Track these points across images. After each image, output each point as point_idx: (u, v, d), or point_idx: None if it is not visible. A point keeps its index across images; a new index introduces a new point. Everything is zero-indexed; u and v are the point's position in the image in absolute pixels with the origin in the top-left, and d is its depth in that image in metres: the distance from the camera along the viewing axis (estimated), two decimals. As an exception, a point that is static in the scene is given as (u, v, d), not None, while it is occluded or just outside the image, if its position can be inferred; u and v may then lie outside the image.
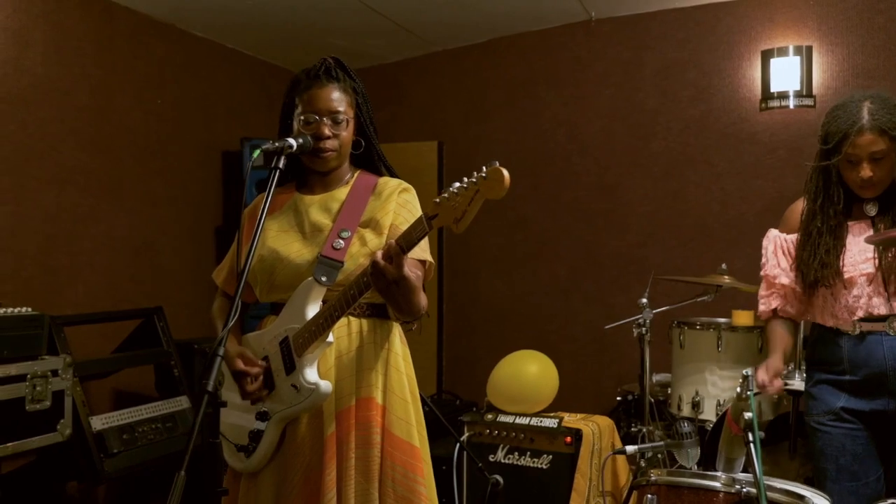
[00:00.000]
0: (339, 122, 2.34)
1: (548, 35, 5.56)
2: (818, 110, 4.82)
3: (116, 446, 3.49)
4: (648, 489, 2.12)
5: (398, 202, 2.38)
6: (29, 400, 3.05)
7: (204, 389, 1.90)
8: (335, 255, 2.27)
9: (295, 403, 2.23)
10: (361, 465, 2.26)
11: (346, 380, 2.29)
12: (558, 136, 5.55)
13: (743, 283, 4.15)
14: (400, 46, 5.71)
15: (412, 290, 2.06)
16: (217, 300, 2.63)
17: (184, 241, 5.07)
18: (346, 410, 2.28)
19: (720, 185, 5.07)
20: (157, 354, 3.99)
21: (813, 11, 4.84)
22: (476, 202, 1.91)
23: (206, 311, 5.06)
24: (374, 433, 2.28)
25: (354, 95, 2.43)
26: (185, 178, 5.09)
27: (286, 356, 2.26)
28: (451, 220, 1.95)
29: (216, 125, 5.33)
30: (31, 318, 3.11)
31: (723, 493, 2.04)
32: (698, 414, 4.19)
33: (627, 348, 5.13)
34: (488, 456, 3.71)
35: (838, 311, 2.59)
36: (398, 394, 2.35)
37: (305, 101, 2.36)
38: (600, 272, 5.41)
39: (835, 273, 2.55)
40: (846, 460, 2.57)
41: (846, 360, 2.57)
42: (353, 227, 2.32)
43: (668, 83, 5.23)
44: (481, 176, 1.89)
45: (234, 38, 5.41)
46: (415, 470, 2.30)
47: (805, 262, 2.63)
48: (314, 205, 2.40)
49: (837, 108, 2.59)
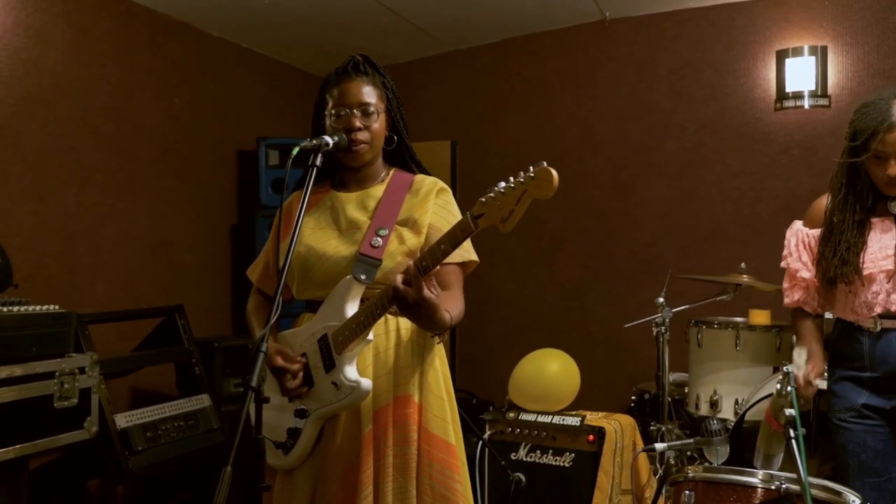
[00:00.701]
0: (369, 114, 2.34)
1: (562, 35, 5.57)
2: (833, 110, 4.84)
3: (141, 444, 3.50)
4: (685, 486, 2.13)
5: (437, 203, 2.38)
6: (57, 397, 3.05)
7: (248, 385, 1.90)
8: (373, 253, 2.27)
9: (335, 401, 2.23)
10: (399, 463, 2.26)
11: (384, 378, 2.30)
12: (572, 136, 5.57)
13: (761, 283, 4.16)
14: (414, 46, 5.73)
15: (433, 309, 2.05)
16: (252, 298, 2.63)
17: (200, 240, 5.08)
18: (384, 408, 2.28)
19: (734, 184, 5.08)
20: (178, 353, 4.00)
21: (828, 11, 4.86)
22: (524, 202, 1.92)
23: (222, 309, 5.18)
24: (412, 431, 2.28)
25: (384, 90, 2.43)
26: (201, 177, 5.11)
27: (325, 354, 2.26)
28: (497, 219, 1.96)
29: (231, 125, 5.34)
30: (58, 315, 3.11)
31: (762, 489, 2.05)
32: (716, 413, 4.20)
33: (641, 347, 5.14)
34: (510, 454, 3.72)
35: (857, 307, 2.61)
36: (435, 392, 2.36)
37: (336, 96, 2.36)
38: (614, 271, 5.42)
39: (854, 270, 2.57)
40: (867, 456, 2.58)
41: (867, 357, 2.59)
42: (391, 224, 2.33)
43: (682, 83, 5.24)
44: (529, 176, 1.91)
45: (250, 38, 5.42)
46: (451, 467, 2.31)
47: (826, 258, 2.65)
48: (351, 202, 2.41)
49: (866, 106, 2.60)
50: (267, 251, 2.57)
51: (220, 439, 3.89)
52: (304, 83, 6.12)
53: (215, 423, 3.89)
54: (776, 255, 4.68)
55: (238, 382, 4.18)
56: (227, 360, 4.16)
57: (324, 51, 5.72)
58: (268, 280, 2.56)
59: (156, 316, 4.09)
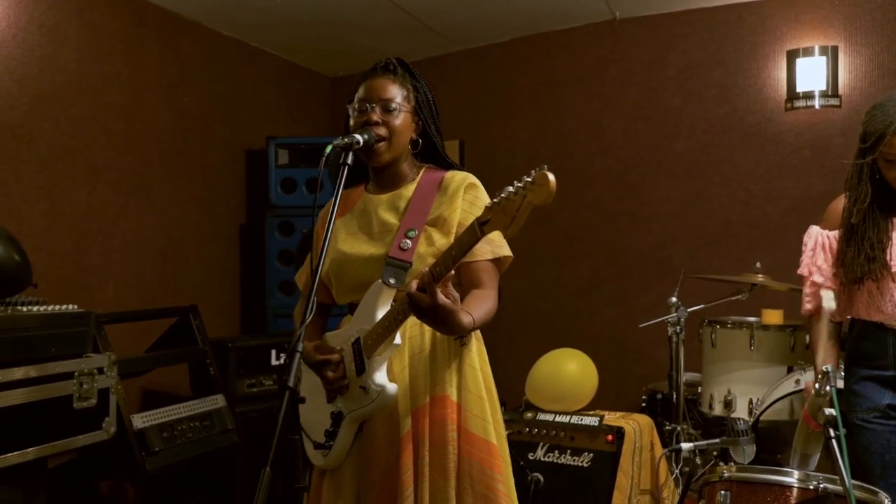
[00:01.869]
0: (390, 111, 2.32)
1: (571, 34, 5.57)
2: (844, 110, 4.85)
3: (158, 444, 3.48)
4: (721, 486, 2.12)
5: (466, 199, 2.33)
6: (76, 398, 3.04)
7: (285, 385, 1.89)
8: (403, 256, 2.25)
9: (365, 404, 2.22)
10: (437, 463, 2.24)
11: (420, 378, 2.28)
12: (581, 136, 5.56)
13: (776, 282, 4.17)
14: (423, 45, 5.72)
15: (449, 315, 2.03)
16: (299, 302, 2.61)
17: (209, 240, 5.07)
18: (421, 409, 2.27)
19: (744, 185, 5.09)
20: (193, 353, 3.98)
21: (839, 12, 4.86)
22: (524, 208, 1.87)
23: (231, 309, 5.17)
24: (450, 431, 2.26)
25: (414, 92, 2.42)
26: (211, 176, 5.09)
27: (357, 357, 2.26)
28: (501, 225, 1.93)
29: (240, 124, 5.33)
30: (77, 315, 3.09)
31: (799, 489, 2.04)
32: (730, 412, 4.20)
33: (650, 348, 5.15)
34: (528, 454, 3.71)
35: (885, 306, 2.59)
36: (474, 391, 2.32)
37: (360, 92, 2.37)
38: (623, 272, 5.42)
39: (882, 266, 2.56)
40: (892, 456, 2.56)
41: (891, 356, 2.58)
42: (420, 225, 2.30)
43: (692, 83, 5.24)
44: (528, 181, 1.85)
45: (259, 37, 5.41)
46: (492, 467, 2.27)
47: (850, 258, 2.63)
48: (382, 204, 2.39)
49: (875, 108, 2.59)
50: (310, 257, 2.56)
51: (235, 440, 3.88)
52: (313, 83, 6.11)
53: (230, 423, 3.87)
54: (786, 255, 4.71)
55: (252, 383, 4.16)
56: (241, 361, 4.13)
57: (333, 50, 5.71)
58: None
59: (170, 316, 4.07)
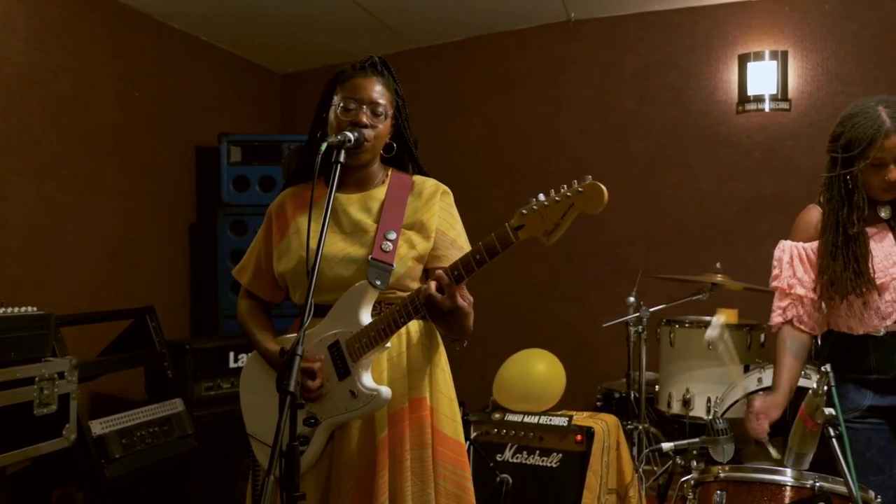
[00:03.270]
0: (378, 115, 2.29)
1: (526, 35, 5.57)
2: (793, 114, 4.96)
3: (117, 451, 3.36)
4: (715, 486, 2.13)
5: (442, 206, 2.37)
6: (37, 404, 2.91)
7: (286, 391, 1.84)
8: (385, 258, 2.23)
9: (352, 409, 2.17)
10: (417, 467, 2.24)
11: (399, 381, 2.26)
12: (536, 136, 5.57)
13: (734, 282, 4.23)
14: (377, 43, 5.65)
15: (465, 317, 2.08)
16: (243, 301, 2.53)
17: (159, 239, 4.92)
18: (400, 412, 2.25)
19: (698, 186, 5.16)
20: (150, 356, 3.86)
21: (789, 18, 4.97)
22: (570, 215, 1.92)
23: (181, 310, 5.02)
24: (427, 433, 2.27)
25: (395, 97, 2.39)
26: (162, 173, 4.95)
27: (338, 361, 2.20)
28: (540, 231, 1.95)
29: (191, 120, 5.20)
30: (38, 317, 2.96)
31: (795, 488, 2.06)
32: (689, 411, 4.26)
33: (605, 347, 5.19)
34: (496, 455, 3.69)
35: (868, 318, 2.59)
36: (444, 392, 2.36)
37: (347, 89, 2.31)
38: (579, 272, 5.45)
39: (867, 281, 2.55)
40: (872, 454, 2.58)
41: (873, 361, 2.58)
42: (398, 227, 2.29)
43: (646, 85, 5.30)
44: (577, 190, 1.90)
45: (210, 32, 5.29)
46: (463, 466, 2.33)
47: (836, 272, 2.59)
48: (353, 203, 2.35)
49: (854, 116, 2.58)
50: (257, 252, 2.48)
51: (195, 445, 3.77)
52: (264, 79, 6.01)
53: (190, 428, 3.77)
54: (738, 255, 4.82)
55: (209, 386, 4.05)
56: (199, 363, 4.02)
57: (287, 46, 5.62)
58: (261, 282, 2.48)
59: (126, 318, 3.94)
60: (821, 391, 1.98)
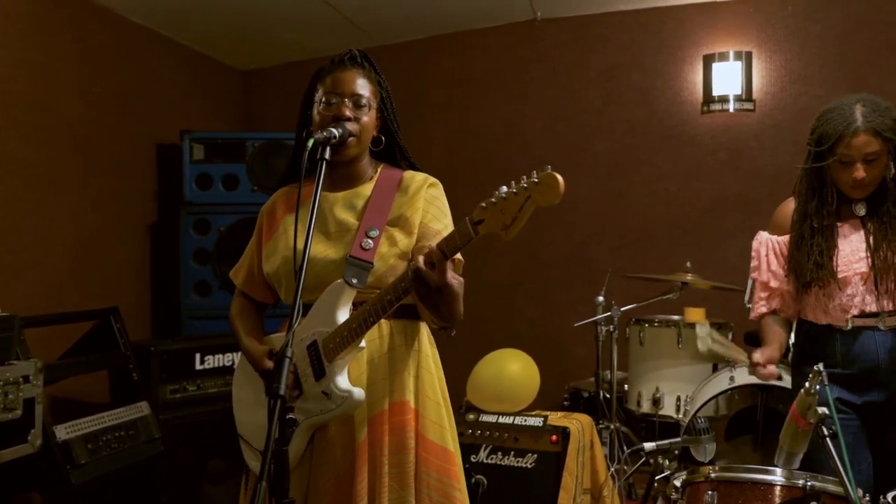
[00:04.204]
0: (360, 106, 2.25)
1: (491, 33, 5.56)
2: (758, 114, 5.02)
3: (83, 457, 3.26)
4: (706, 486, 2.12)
5: (426, 198, 2.30)
6: (1, 409, 2.80)
7: (276, 394, 1.78)
8: (364, 256, 2.18)
9: (325, 411, 2.12)
10: (396, 472, 2.18)
11: (379, 383, 2.21)
12: (501, 135, 5.56)
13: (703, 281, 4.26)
14: (339, 40, 5.57)
15: (455, 297, 2.02)
16: (236, 300, 2.49)
17: (120, 238, 4.80)
18: (379, 415, 2.20)
19: (663, 185, 5.19)
20: (115, 358, 3.75)
21: (753, 19, 5.02)
22: (527, 209, 1.84)
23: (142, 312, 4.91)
24: (409, 438, 2.21)
25: (379, 88, 2.34)
26: (123, 171, 4.83)
27: (315, 361, 2.15)
28: (498, 226, 1.88)
29: (152, 117, 5.08)
30: (2, 319, 2.86)
31: (787, 487, 2.06)
32: (658, 410, 4.27)
33: (571, 346, 5.19)
34: (470, 456, 3.66)
35: (832, 310, 2.65)
36: (431, 397, 2.29)
37: (328, 84, 2.26)
38: (544, 271, 5.44)
39: (829, 274, 2.61)
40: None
41: (839, 355, 2.64)
42: (381, 225, 2.24)
43: (612, 84, 5.32)
44: (533, 181, 1.82)
45: (172, 27, 5.18)
46: (450, 475, 2.24)
47: (800, 263, 2.67)
48: (338, 202, 2.30)
49: (830, 112, 2.63)
50: (250, 254, 2.44)
51: (161, 449, 3.68)
52: (226, 78, 5.92)
53: (156, 432, 3.67)
54: (703, 254, 4.85)
55: (175, 388, 3.95)
56: (164, 365, 3.92)
57: (250, 42, 5.53)
58: (253, 283, 2.43)
59: (90, 319, 3.82)
60: (813, 390, 1.97)
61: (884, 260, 2.57)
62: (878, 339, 2.60)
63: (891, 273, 2.55)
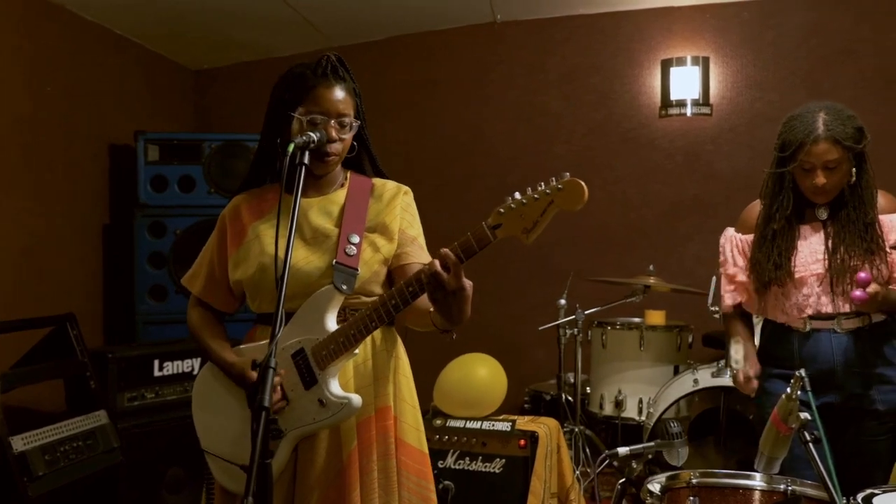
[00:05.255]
0: (344, 126, 2.23)
1: (450, 35, 5.53)
2: (714, 118, 5.08)
3: (40, 468, 3.15)
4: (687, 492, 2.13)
5: (401, 206, 2.32)
6: (-44, 421, 2.70)
7: (261, 406, 1.74)
8: (349, 262, 2.16)
9: (320, 419, 2.09)
10: (382, 479, 2.18)
11: (365, 389, 2.20)
12: (461, 137, 5.54)
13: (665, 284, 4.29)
14: (297, 40, 5.52)
15: (467, 300, 1.98)
16: (194, 310, 2.40)
17: (71, 242, 4.66)
18: (367, 421, 2.19)
19: (621, 188, 5.22)
20: (72, 366, 3.63)
21: (709, 24, 5.08)
22: (549, 213, 1.93)
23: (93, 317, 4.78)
24: (391, 443, 2.22)
25: (356, 98, 2.31)
26: (74, 172, 4.68)
27: (304, 369, 2.11)
28: (518, 230, 1.95)
29: (105, 117, 4.94)
30: (-42, 327, 2.75)
31: (767, 492, 2.08)
32: (621, 412, 4.31)
33: (530, 349, 5.20)
34: (437, 462, 3.63)
35: (788, 309, 2.72)
36: (408, 401, 2.31)
37: (312, 101, 2.20)
38: (503, 273, 5.43)
39: (787, 273, 2.68)
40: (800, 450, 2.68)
41: (797, 356, 2.71)
42: (361, 231, 2.23)
43: (571, 88, 5.34)
44: (556, 187, 1.91)
45: (124, 24, 5.04)
46: (426, 477, 2.28)
47: (760, 262, 2.74)
48: (312, 208, 2.27)
49: (794, 119, 2.69)
50: (210, 259, 2.37)
51: (120, 459, 3.58)
52: (178, 77, 5.79)
53: (115, 441, 3.57)
54: (661, 257, 4.89)
55: (133, 396, 3.85)
56: (122, 373, 3.81)
57: (204, 41, 5.42)
58: (214, 290, 2.36)
59: (45, 326, 3.70)
60: (794, 395, 1.99)
61: (840, 263, 2.64)
62: (835, 342, 2.66)
63: (846, 276, 2.61)
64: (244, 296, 2.33)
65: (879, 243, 2.60)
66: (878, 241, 2.60)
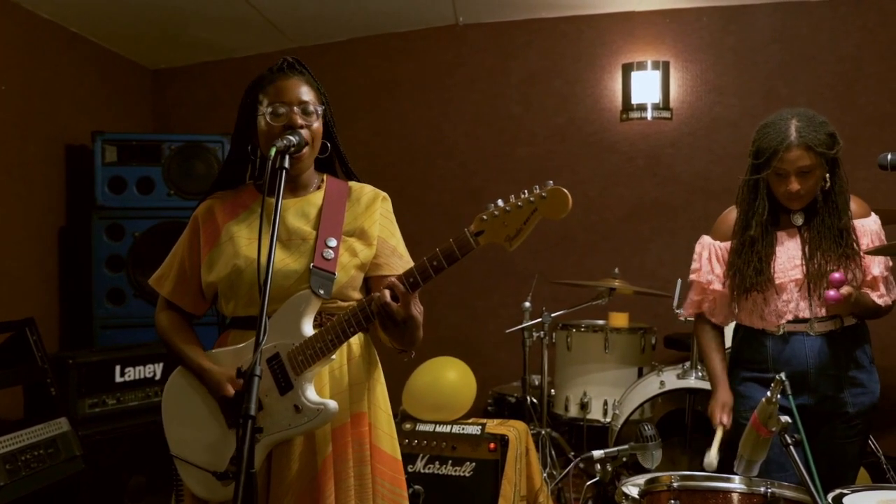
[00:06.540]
0: (309, 113, 2.20)
1: (412, 37, 5.51)
2: (675, 122, 5.14)
3: (2, 479, 3.06)
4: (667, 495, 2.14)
5: (381, 212, 2.32)
6: (-86, 431, 2.61)
7: (247, 415, 1.71)
8: (327, 266, 2.15)
9: (295, 425, 2.07)
10: (357, 486, 2.16)
11: (341, 395, 2.18)
12: (423, 140, 5.53)
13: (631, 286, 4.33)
14: (257, 40, 5.45)
15: (417, 327, 2.04)
16: (163, 313, 2.36)
17: (24, 244, 4.54)
18: (342, 428, 2.17)
19: (583, 191, 5.23)
20: (32, 372, 3.54)
21: (670, 29, 5.14)
22: (532, 221, 1.93)
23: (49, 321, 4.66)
24: (366, 450, 2.21)
25: (319, 94, 2.29)
26: (28, 173, 4.56)
27: (279, 374, 2.09)
28: (501, 237, 1.94)
29: (61, 117, 4.82)
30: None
31: (747, 494, 2.10)
32: (586, 414, 4.33)
33: (492, 351, 5.20)
34: (407, 466, 3.61)
35: (767, 315, 2.75)
36: (382, 407, 2.30)
37: (272, 93, 2.19)
38: (463, 275, 5.41)
39: (767, 280, 2.71)
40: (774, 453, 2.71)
41: (770, 359, 2.75)
42: (338, 235, 2.21)
43: (532, 91, 5.35)
44: (540, 195, 1.91)
45: (80, 22, 4.93)
46: (400, 485, 2.28)
47: (740, 269, 2.76)
48: (289, 210, 2.24)
49: (767, 126, 2.72)
50: (181, 260, 2.32)
51: (82, 467, 3.49)
52: (136, 77, 5.68)
53: (77, 449, 3.48)
54: (623, 259, 4.93)
55: (94, 402, 3.76)
56: (82, 379, 3.73)
57: (162, 40, 5.33)
58: (184, 292, 2.32)
59: (3, 331, 3.59)
60: (774, 399, 2.02)
61: (817, 268, 2.67)
62: (808, 344, 2.70)
63: (823, 280, 2.65)
64: (214, 298, 2.30)
65: (854, 248, 2.65)
66: (852, 246, 2.65)
